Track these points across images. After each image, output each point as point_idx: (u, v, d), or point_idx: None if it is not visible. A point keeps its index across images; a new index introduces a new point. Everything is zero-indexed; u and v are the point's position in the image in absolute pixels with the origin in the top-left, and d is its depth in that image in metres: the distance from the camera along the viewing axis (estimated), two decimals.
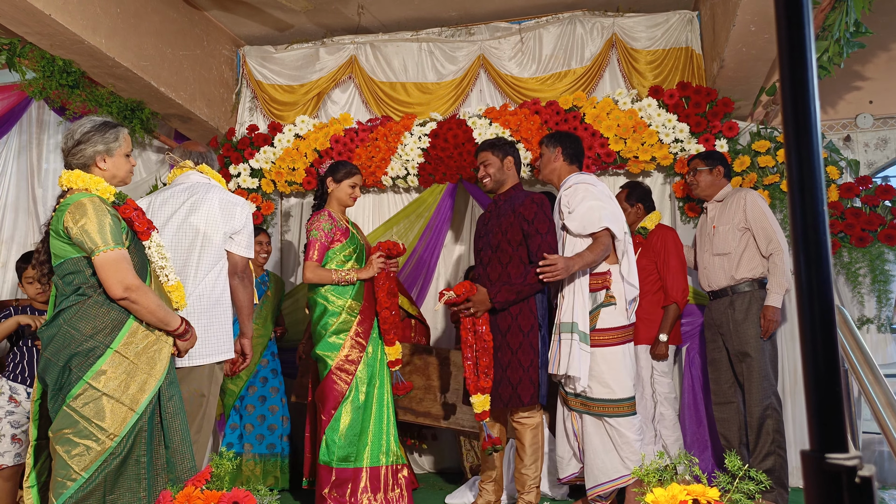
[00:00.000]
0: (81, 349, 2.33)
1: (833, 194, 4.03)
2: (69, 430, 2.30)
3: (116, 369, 2.35)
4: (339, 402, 3.33)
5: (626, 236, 3.32)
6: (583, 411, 3.27)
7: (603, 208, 3.25)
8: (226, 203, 2.94)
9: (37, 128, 5.37)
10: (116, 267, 2.35)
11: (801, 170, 0.62)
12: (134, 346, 2.40)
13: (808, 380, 0.61)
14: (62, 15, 3.52)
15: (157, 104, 4.47)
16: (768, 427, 3.48)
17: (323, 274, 3.36)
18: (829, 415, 0.59)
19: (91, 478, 2.28)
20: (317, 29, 4.97)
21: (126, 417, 2.34)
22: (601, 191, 3.35)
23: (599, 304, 3.27)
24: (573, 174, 3.46)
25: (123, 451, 2.32)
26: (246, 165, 4.81)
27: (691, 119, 4.26)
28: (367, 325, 3.43)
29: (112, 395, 2.32)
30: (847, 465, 0.57)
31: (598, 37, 4.63)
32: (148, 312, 2.41)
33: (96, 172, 2.52)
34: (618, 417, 3.20)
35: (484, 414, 3.13)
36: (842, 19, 3.43)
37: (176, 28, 4.46)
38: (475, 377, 3.14)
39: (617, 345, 3.25)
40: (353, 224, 3.63)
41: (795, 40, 0.63)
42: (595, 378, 3.22)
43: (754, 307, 3.58)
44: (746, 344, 3.56)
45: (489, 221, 3.44)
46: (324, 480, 3.31)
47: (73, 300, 2.38)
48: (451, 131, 4.50)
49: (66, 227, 2.37)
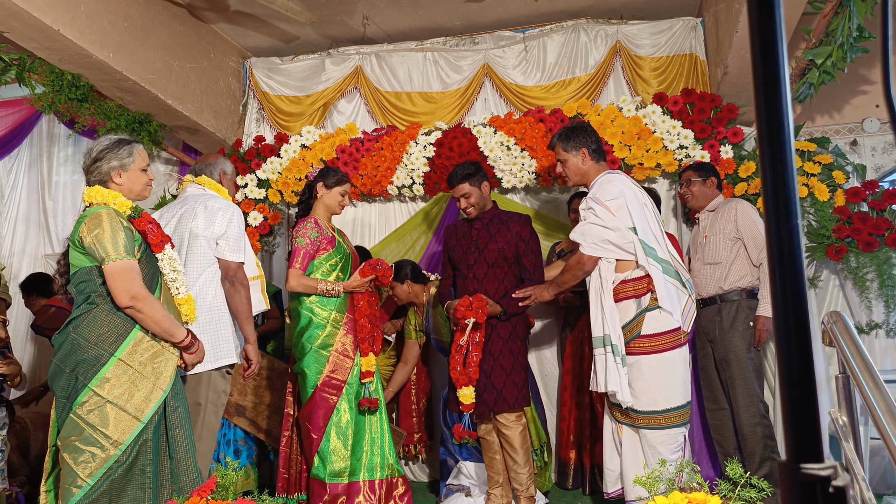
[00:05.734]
0: (87, 356, 2.38)
1: (840, 199, 4.01)
2: (75, 437, 2.34)
3: (120, 378, 2.39)
4: (329, 418, 3.29)
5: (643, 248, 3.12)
6: (628, 423, 3.12)
7: (602, 233, 3.10)
8: (209, 209, 2.99)
9: (47, 141, 5.44)
10: (124, 276, 2.41)
11: (776, 184, 0.63)
12: (139, 356, 2.44)
13: (784, 391, 0.61)
14: (71, 30, 3.57)
15: (165, 116, 4.52)
16: (758, 434, 3.52)
17: (308, 283, 3.32)
18: (804, 425, 0.60)
19: (96, 485, 2.31)
20: (322, 40, 5.01)
21: (131, 426, 2.37)
22: (619, 206, 3.11)
23: (644, 309, 3.09)
24: (600, 174, 3.25)
25: (128, 459, 2.36)
26: (253, 176, 4.85)
27: (696, 125, 4.26)
28: (352, 336, 3.40)
29: (116, 403, 2.36)
30: (821, 475, 0.57)
31: (602, 44, 4.64)
32: (153, 322, 2.46)
33: (113, 188, 2.61)
34: (657, 431, 3.03)
35: (470, 406, 3.29)
36: (844, 24, 3.43)
37: (183, 41, 4.51)
38: (464, 372, 3.31)
39: (667, 350, 3.07)
40: (339, 232, 3.60)
41: (768, 55, 0.64)
42: (640, 389, 3.06)
43: (741, 316, 3.62)
44: (730, 351, 3.61)
45: (477, 238, 3.47)
46: (317, 495, 3.28)
47: (83, 309, 2.45)
48: (456, 140, 4.52)
49: (80, 236, 2.46)
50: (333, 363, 3.33)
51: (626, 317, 3.11)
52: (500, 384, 3.32)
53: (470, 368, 3.30)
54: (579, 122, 3.67)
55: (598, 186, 3.18)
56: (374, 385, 3.43)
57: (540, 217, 4.55)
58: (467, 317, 3.27)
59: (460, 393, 3.30)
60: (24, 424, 4.13)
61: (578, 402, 4.08)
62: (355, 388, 3.38)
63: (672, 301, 3.08)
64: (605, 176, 3.22)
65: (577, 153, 3.27)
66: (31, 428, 4.15)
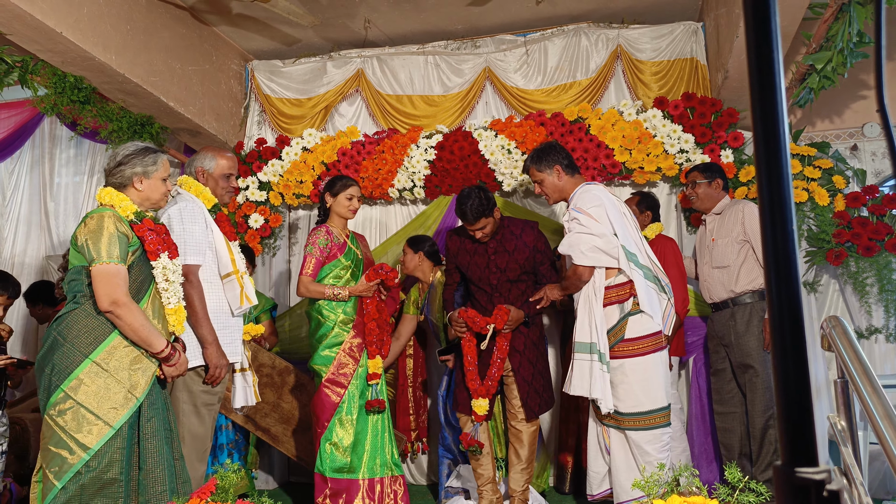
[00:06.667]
0: (59, 355, 2.38)
1: (840, 203, 4.02)
2: (49, 439, 2.34)
3: (94, 381, 2.37)
4: (333, 414, 3.40)
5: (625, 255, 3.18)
6: (613, 426, 3.19)
7: (590, 240, 3.15)
8: (166, 213, 2.94)
9: (49, 143, 5.45)
10: (108, 280, 2.41)
11: (771, 188, 0.63)
12: (115, 361, 2.42)
13: (779, 395, 0.62)
14: (73, 33, 3.59)
15: (167, 119, 4.53)
16: (770, 437, 3.50)
17: (316, 289, 3.42)
18: (799, 430, 0.61)
19: (65, 488, 2.29)
20: (324, 43, 5.03)
21: (101, 432, 2.34)
22: (600, 214, 3.17)
23: (627, 314, 3.18)
24: (578, 187, 3.34)
25: (99, 466, 2.32)
26: (254, 178, 4.86)
27: (696, 130, 4.26)
28: (360, 339, 3.48)
29: (86, 406, 2.33)
30: (815, 479, 0.58)
31: (603, 48, 4.64)
32: (131, 330, 2.44)
33: (132, 193, 2.62)
34: (642, 431, 3.10)
35: (483, 417, 3.43)
36: (844, 30, 3.43)
37: (185, 44, 4.52)
38: (480, 384, 3.42)
39: (649, 353, 3.15)
40: (353, 237, 3.65)
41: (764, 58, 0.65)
42: (624, 391, 3.13)
43: (755, 319, 3.60)
44: (748, 356, 3.58)
45: (495, 257, 3.52)
46: (319, 489, 3.40)
47: (68, 307, 2.46)
48: (457, 143, 4.53)
49: (75, 235, 2.48)
50: (339, 363, 3.43)
51: (610, 321, 3.20)
52: (541, 387, 3.51)
53: (489, 382, 3.40)
54: (545, 142, 3.87)
55: (578, 197, 3.26)
56: (381, 386, 3.50)
57: (540, 220, 4.55)
58: (488, 322, 3.37)
59: (475, 404, 3.42)
60: (23, 426, 4.13)
61: (578, 405, 4.08)
62: (359, 388, 3.45)
63: (653, 305, 3.17)
64: (583, 187, 3.32)
65: (552, 171, 3.36)
66: (31, 429, 4.15)
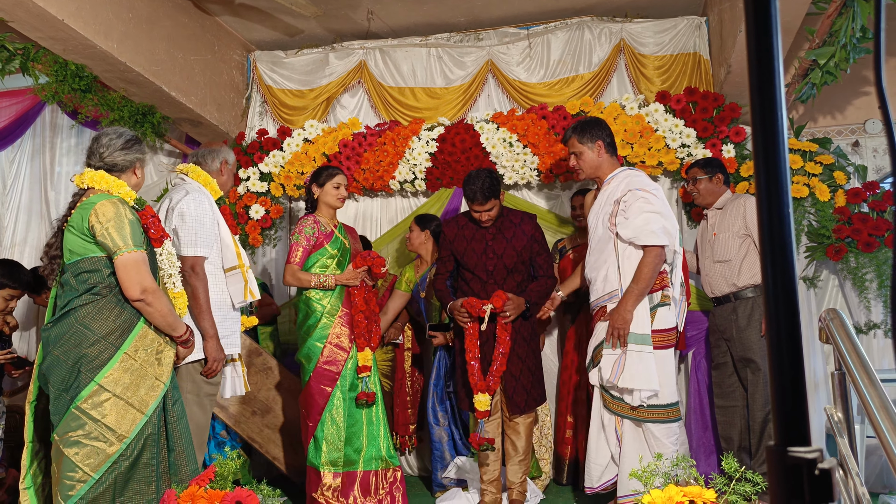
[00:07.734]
0: (92, 350, 2.36)
1: (840, 199, 4.02)
2: (78, 432, 2.32)
3: (126, 371, 2.39)
4: (324, 407, 3.34)
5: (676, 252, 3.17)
6: (631, 417, 3.11)
7: (660, 220, 3.09)
8: (172, 202, 2.96)
9: (50, 131, 5.44)
10: (136, 269, 2.41)
11: (768, 175, 0.64)
12: (143, 350, 2.44)
13: (773, 376, 0.63)
14: (75, 20, 3.58)
15: (168, 108, 4.53)
16: (770, 431, 3.50)
17: (302, 277, 3.39)
18: (791, 410, 0.61)
19: (101, 479, 2.31)
20: (326, 34, 5.02)
21: (135, 419, 2.37)
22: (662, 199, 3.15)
23: (657, 304, 3.14)
24: (619, 169, 3.29)
25: (133, 453, 2.36)
26: (255, 169, 4.85)
27: (698, 124, 4.26)
28: (348, 329, 3.43)
29: (122, 397, 2.36)
30: (807, 458, 0.59)
31: (606, 42, 4.64)
32: (160, 316, 2.46)
33: (130, 177, 2.64)
34: (661, 424, 3.07)
35: (485, 413, 3.32)
36: (848, 25, 3.43)
37: (187, 33, 4.51)
38: (481, 378, 3.34)
39: (666, 347, 3.13)
40: (341, 227, 3.61)
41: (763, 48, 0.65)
42: None
43: (757, 313, 3.60)
44: (750, 350, 3.58)
45: (493, 243, 3.46)
46: (313, 482, 3.34)
47: (86, 299, 2.41)
48: (458, 136, 4.53)
49: (90, 225, 2.42)
50: (327, 355, 3.37)
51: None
52: (529, 384, 3.44)
53: (491, 378, 3.34)
54: (593, 116, 3.74)
55: (633, 178, 3.23)
56: (372, 379, 3.46)
57: (542, 213, 4.56)
58: (485, 304, 3.30)
59: (476, 399, 3.34)
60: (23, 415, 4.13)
61: (576, 398, 4.09)
62: (349, 380, 3.40)
63: (677, 299, 3.16)
64: (629, 170, 3.30)
65: (594, 145, 3.30)
66: None
